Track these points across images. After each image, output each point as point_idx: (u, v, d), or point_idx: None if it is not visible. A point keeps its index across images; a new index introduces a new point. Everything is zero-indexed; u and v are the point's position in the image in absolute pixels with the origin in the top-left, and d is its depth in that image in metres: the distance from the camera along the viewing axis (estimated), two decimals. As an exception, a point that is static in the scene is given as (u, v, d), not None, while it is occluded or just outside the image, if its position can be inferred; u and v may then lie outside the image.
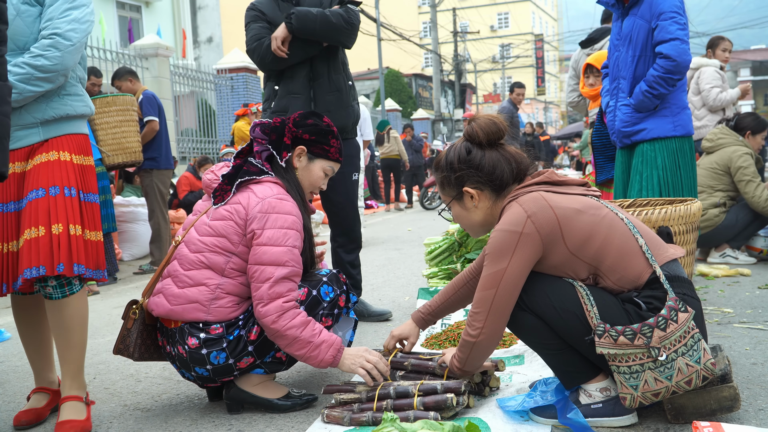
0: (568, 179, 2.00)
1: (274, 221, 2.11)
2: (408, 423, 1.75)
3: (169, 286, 2.17)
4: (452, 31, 31.09)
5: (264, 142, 2.28)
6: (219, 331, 2.11)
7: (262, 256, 2.08)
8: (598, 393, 1.91)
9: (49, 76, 2.10)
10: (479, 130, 2.00)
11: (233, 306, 2.14)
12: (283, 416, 2.18)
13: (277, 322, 2.04)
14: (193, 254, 2.15)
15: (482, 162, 1.99)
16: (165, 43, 11.22)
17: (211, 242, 2.14)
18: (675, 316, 1.74)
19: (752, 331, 2.83)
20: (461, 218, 2.09)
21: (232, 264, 2.14)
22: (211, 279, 2.13)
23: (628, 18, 3.24)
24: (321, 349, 2.08)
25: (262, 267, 2.07)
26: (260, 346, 2.14)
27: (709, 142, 4.74)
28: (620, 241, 1.86)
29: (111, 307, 4.47)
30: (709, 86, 5.65)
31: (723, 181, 4.61)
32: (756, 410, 1.97)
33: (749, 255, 4.71)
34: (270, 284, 2.06)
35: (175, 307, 2.13)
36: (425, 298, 3.22)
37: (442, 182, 2.07)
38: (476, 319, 1.90)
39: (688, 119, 3.25)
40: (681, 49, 3.05)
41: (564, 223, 1.85)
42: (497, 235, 1.87)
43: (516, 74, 47.60)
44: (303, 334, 2.06)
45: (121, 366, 2.96)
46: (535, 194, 1.90)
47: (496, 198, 2.01)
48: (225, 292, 2.13)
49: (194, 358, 2.11)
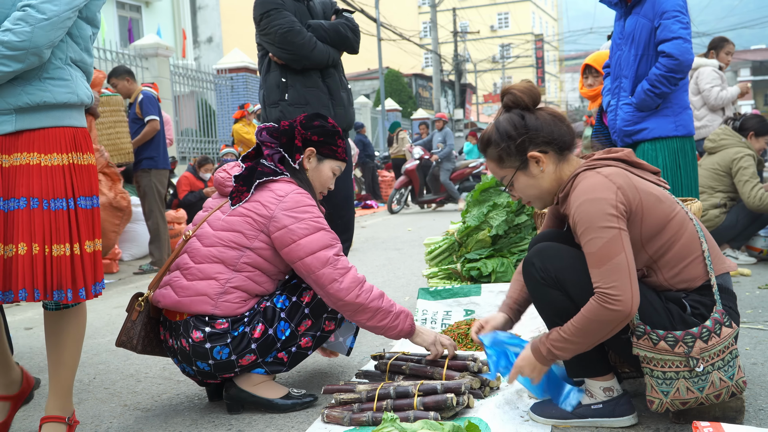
0: (644, 163, 1.94)
1: (303, 213, 2.15)
2: (408, 423, 1.75)
3: (177, 278, 2.17)
4: (452, 31, 31.09)
5: (274, 145, 2.29)
6: (224, 326, 2.11)
7: (309, 245, 2.11)
8: (600, 392, 1.91)
9: (17, 54, 1.77)
10: (523, 95, 1.93)
11: (240, 302, 2.15)
12: (283, 416, 2.18)
13: (360, 295, 2.10)
14: (206, 248, 2.17)
15: (539, 124, 1.91)
16: (165, 43, 11.22)
17: (227, 237, 2.16)
18: (719, 330, 1.72)
19: (752, 331, 2.83)
20: (529, 188, 1.96)
21: (245, 258, 2.15)
22: (221, 273, 2.14)
23: (631, 17, 3.24)
24: (400, 318, 2.16)
25: (314, 255, 2.11)
26: (263, 344, 2.15)
27: (711, 143, 4.74)
28: (686, 241, 1.82)
29: (111, 307, 4.47)
30: (709, 86, 5.64)
31: (724, 182, 4.61)
32: (756, 410, 1.97)
33: (749, 255, 4.71)
34: (333, 264, 2.10)
35: (183, 299, 2.13)
36: (425, 298, 3.22)
37: (500, 156, 1.95)
38: (617, 290, 1.68)
39: (689, 119, 3.25)
40: (683, 48, 3.05)
41: (646, 207, 1.79)
42: (589, 205, 1.75)
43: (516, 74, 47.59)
44: (384, 305, 2.13)
45: (121, 366, 2.96)
46: (618, 169, 1.82)
47: (559, 161, 1.93)
48: (234, 287, 2.14)
49: (197, 351, 2.11)
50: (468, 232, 3.60)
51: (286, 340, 2.18)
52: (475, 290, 3.16)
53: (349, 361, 2.76)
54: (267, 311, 2.17)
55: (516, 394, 2.16)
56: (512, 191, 2.01)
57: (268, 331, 2.15)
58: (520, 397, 2.15)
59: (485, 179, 3.71)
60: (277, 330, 2.16)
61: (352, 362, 2.74)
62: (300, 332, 2.19)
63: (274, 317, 2.16)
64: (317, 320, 2.20)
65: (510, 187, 2.00)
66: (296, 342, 2.19)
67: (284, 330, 2.17)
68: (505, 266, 3.39)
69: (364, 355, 2.83)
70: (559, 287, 1.85)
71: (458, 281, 3.48)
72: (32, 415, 2.36)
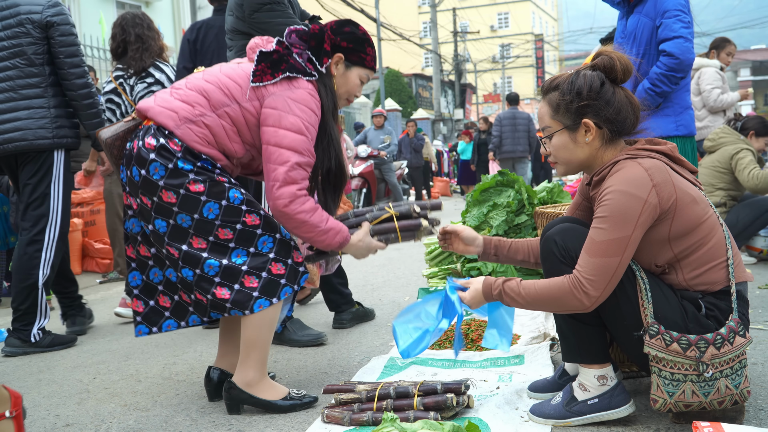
0: (685, 161, 1.92)
1: (301, 111, 2.16)
2: (408, 423, 1.75)
3: (164, 93, 2.22)
4: (452, 31, 31.09)
5: (302, 48, 2.29)
6: (177, 149, 2.11)
7: (283, 139, 2.12)
8: (594, 381, 1.89)
9: None
10: (617, 65, 1.87)
11: (202, 140, 2.14)
12: (282, 416, 2.18)
13: (288, 206, 2.11)
14: (204, 81, 2.19)
15: (613, 99, 1.86)
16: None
17: (225, 82, 2.18)
18: (732, 339, 1.72)
19: (752, 332, 2.82)
20: (564, 150, 1.92)
21: (230, 110, 2.16)
22: (201, 105, 2.15)
23: (633, 16, 3.25)
24: (329, 235, 2.19)
25: (281, 150, 2.12)
26: (187, 200, 2.10)
27: (710, 142, 4.75)
28: (714, 245, 1.81)
29: (111, 307, 4.47)
30: (710, 87, 5.64)
31: (724, 179, 4.61)
32: (756, 410, 1.97)
33: (749, 255, 4.71)
34: (288, 168, 2.11)
35: (155, 106, 2.16)
36: (425, 298, 3.23)
37: (558, 106, 1.89)
38: (594, 287, 1.74)
39: (690, 119, 3.25)
40: (685, 47, 3.05)
41: (680, 206, 1.77)
42: (620, 198, 1.74)
43: (516, 74, 47.62)
44: (312, 219, 2.15)
45: (121, 366, 2.96)
46: (660, 163, 1.80)
47: (607, 142, 1.89)
48: (205, 123, 2.14)
49: (141, 156, 2.11)
50: (468, 232, 3.59)
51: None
52: (475, 290, 3.16)
53: (349, 361, 2.76)
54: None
55: (516, 394, 2.17)
56: (546, 144, 1.96)
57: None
58: (520, 397, 2.15)
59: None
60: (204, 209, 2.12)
61: (352, 362, 2.74)
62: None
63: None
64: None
65: (547, 140, 1.95)
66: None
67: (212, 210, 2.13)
68: (505, 266, 3.38)
69: (365, 355, 2.83)
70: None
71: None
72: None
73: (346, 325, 3.37)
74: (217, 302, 2.12)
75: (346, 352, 2.92)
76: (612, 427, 1.90)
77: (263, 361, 2.20)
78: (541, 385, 2.17)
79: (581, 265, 1.77)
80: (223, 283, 2.12)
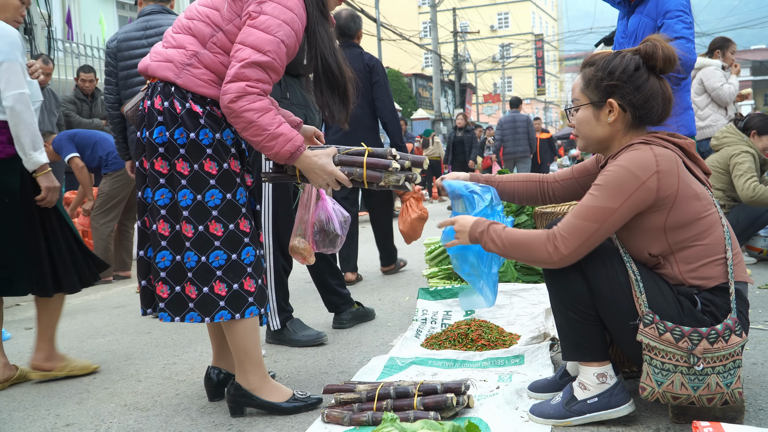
0: (700, 160, 1.95)
1: (273, 9, 2.04)
2: (408, 423, 1.75)
3: (157, 45, 2.18)
4: (452, 31, 31.08)
5: None
6: (178, 111, 2.05)
7: (248, 37, 2.04)
8: (594, 379, 1.90)
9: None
10: (660, 54, 1.88)
11: (206, 82, 2.08)
12: (283, 416, 2.17)
13: (235, 102, 1.98)
14: (186, 19, 2.14)
15: (644, 86, 1.87)
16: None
17: (204, 12, 2.11)
18: (728, 336, 1.72)
19: (752, 331, 2.82)
20: (586, 125, 1.96)
21: (215, 39, 2.09)
22: (191, 44, 2.09)
23: (634, 16, 3.25)
24: (278, 141, 2.02)
25: (243, 47, 2.03)
26: (198, 177, 2.06)
27: (715, 141, 4.77)
28: (712, 242, 1.83)
29: (111, 307, 4.47)
30: (719, 84, 5.63)
31: (722, 179, 4.61)
32: (756, 410, 1.97)
33: (749, 255, 4.71)
34: (242, 65, 1.99)
35: (152, 62, 2.12)
36: (425, 298, 3.22)
37: (590, 81, 1.93)
38: (565, 244, 1.81)
39: (691, 120, 3.25)
40: (686, 48, 3.05)
41: (680, 199, 1.80)
42: (620, 172, 1.79)
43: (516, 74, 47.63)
44: (260, 120, 1.99)
45: (121, 366, 2.96)
46: (672, 154, 1.83)
47: (629, 127, 1.91)
48: (201, 64, 2.08)
49: (152, 116, 2.07)
50: (468, 232, 3.59)
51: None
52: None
53: (350, 361, 2.76)
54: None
55: (516, 394, 2.17)
56: (571, 116, 2.02)
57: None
58: (520, 397, 2.15)
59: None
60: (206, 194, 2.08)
61: (353, 362, 2.74)
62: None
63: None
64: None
65: (572, 111, 2.00)
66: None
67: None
68: (505, 266, 3.38)
69: (365, 355, 2.83)
70: (576, 264, 1.86)
71: (458, 281, 3.48)
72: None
73: (346, 325, 3.37)
74: (183, 298, 2.08)
75: (346, 352, 2.92)
76: (612, 427, 1.90)
77: (259, 362, 2.18)
78: (541, 385, 2.17)
79: (562, 223, 1.85)
80: (194, 281, 2.08)
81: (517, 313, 3.05)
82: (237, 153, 2.16)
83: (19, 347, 3.44)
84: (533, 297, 3.08)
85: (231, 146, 2.13)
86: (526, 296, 3.10)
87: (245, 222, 2.12)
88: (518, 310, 3.05)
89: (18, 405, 2.49)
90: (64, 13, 13.68)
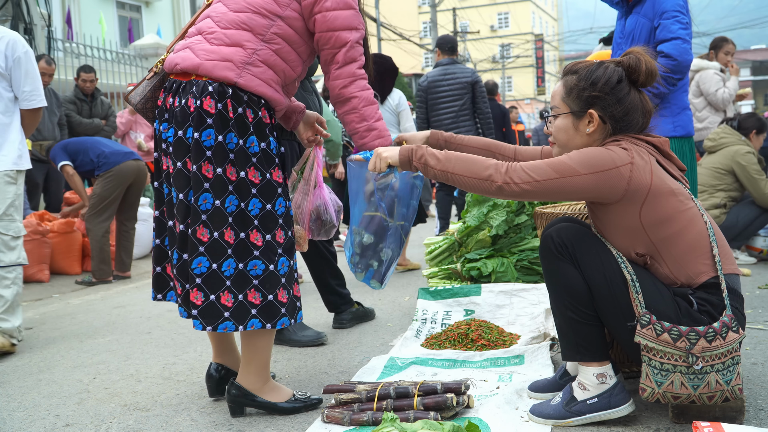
0: (674, 157, 1.96)
1: None
2: (408, 423, 1.75)
3: (199, 42, 2.06)
4: (452, 31, 31.06)
5: None
6: (230, 116, 2.00)
7: (334, 21, 2.06)
8: (593, 379, 1.90)
9: None
10: (641, 68, 1.89)
11: (266, 81, 2.04)
12: (283, 416, 2.18)
13: (347, 87, 2.09)
14: (234, 13, 2.05)
15: (625, 98, 1.89)
16: (165, 43, 11.23)
17: (257, 3, 2.05)
18: (725, 334, 1.73)
19: (752, 331, 2.83)
20: (564, 133, 1.96)
21: (276, 28, 2.04)
22: (249, 42, 2.02)
23: (632, 16, 3.24)
24: (372, 134, 2.13)
25: (336, 32, 2.06)
26: (242, 184, 2.03)
27: (711, 142, 4.75)
28: (694, 237, 1.84)
29: (111, 307, 4.47)
30: (714, 89, 5.64)
31: (725, 180, 4.61)
32: (756, 410, 1.97)
33: (749, 255, 4.71)
34: (347, 48, 2.06)
35: (206, 61, 2.01)
36: (425, 298, 3.22)
37: (571, 90, 1.94)
38: (518, 175, 1.82)
39: (688, 120, 3.25)
40: (682, 49, 3.04)
41: (652, 194, 1.81)
42: (601, 150, 1.82)
43: (516, 74, 47.61)
44: (364, 110, 2.10)
45: (121, 366, 2.96)
46: (644, 150, 1.86)
47: (607, 137, 1.93)
48: (261, 60, 2.03)
49: (200, 116, 1.98)
50: (468, 232, 3.60)
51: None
52: (475, 290, 3.17)
53: (350, 361, 2.76)
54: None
55: (516, 394, 2.17)
56: (549, 123, 2.01)
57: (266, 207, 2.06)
58: (520, 397, 2.16)
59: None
60: (277, 204, 2.09)
61: (353, 362, 2.74)
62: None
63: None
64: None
65: (551, 118, 2.00)
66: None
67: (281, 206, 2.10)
68: (505, 266, 3.39)
69: (365, 355, 2.83)
70: (575, 263, 1.86)
71: (458, 281, 3.48)
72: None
73: (346, 325, 3.37)
74: (217, 307, 2.03)
75: (346, 352, 2.92)
76: (612, 427, 1.90)
77: (266, 365, 2.19)
78: (541, 385, 2.17)
79: (528, 161, 1.85)
80: (231, 289, 2.03)
81: (517, 313, 3.05)
82: (280, 162, 2.14)
83: (19, 347, 3.44)
84: (533, 297, 3.08)
85: (275, 155, 2.11)
86: (526, 296, 3.10)
87: (281, 233, 2.10)
88: (518, 310, 3.06)
89: (18, 405, 2.49)
90: (64, 13, 13.69)
